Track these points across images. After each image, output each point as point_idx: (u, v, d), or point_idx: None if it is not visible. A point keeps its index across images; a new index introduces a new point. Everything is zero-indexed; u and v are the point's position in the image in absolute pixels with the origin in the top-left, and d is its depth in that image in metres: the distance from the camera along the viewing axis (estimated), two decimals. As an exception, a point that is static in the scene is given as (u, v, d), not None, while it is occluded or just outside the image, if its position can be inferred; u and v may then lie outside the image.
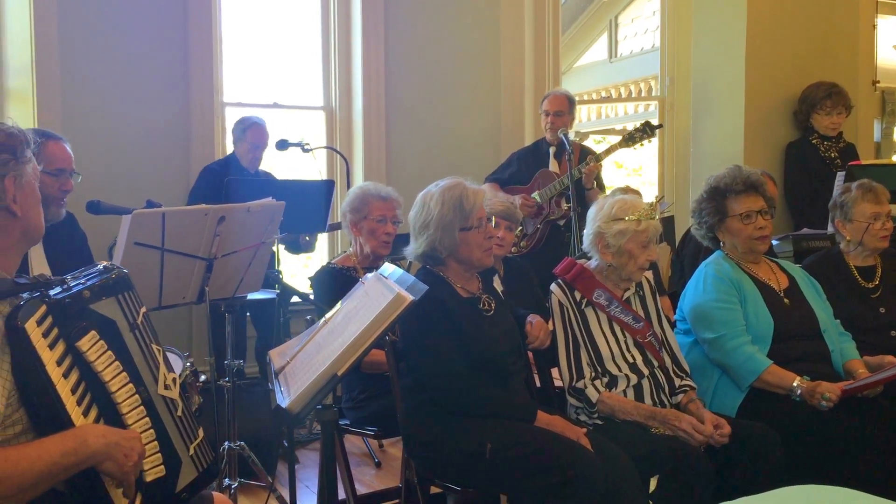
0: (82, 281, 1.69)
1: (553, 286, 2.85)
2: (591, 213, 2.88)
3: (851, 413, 2.72)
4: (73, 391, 1.58)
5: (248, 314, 4.57)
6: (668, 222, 5.65)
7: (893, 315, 3.28)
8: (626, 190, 4.09)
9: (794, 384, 2.78)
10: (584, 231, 2.89)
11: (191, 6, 4.86)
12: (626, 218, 2.75)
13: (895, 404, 2.85)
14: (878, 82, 6.21)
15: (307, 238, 4.43)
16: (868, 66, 6.10)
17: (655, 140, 5.59)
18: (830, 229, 3.54)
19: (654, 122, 4.59)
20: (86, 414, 1.60)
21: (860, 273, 3.36)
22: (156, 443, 1.72)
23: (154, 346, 1.79)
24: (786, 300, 3.03)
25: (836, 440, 2.67)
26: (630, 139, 4.53)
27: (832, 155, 5.50)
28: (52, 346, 1.55)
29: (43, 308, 1.56)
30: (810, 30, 5.82)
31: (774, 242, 4.25)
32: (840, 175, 4.46)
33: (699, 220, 3.13)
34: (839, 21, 5.94)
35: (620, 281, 2.85)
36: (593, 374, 2.72)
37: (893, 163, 5.90)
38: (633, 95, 8.17)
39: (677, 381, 2.82)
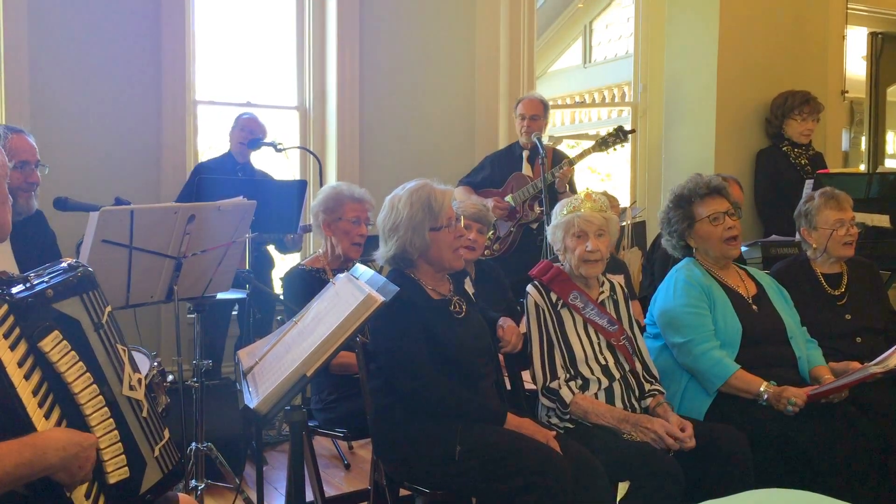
0: (46, 279, 1.65)
1: (529, 287, 2.86)
2: None
3: (817, 418, 2.75)
4: (35, 393, 1.54)
5: (233, 311, 4.54)
6: (640, 227, 5.69)
7: (859, 322, 3.32)
8: (603, 195, 4.11)
9: (761, 389, 2.81)
10: None
11: (164, 3, 4.81)
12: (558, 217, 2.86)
13: (861, 410, 2.89)
14: (847, 92, 6.30)
15: (291, 237, 4.43)
16: (837, 76, 6.20)
17: (628, 146, 5.62)
18: (798, 236, 3.58)
19: (627, 127, 4.63)
20: (48, 416, 1.56)
21: (827, 280, 3.40)
22: (120, 444, 1.69)
23: (119, 346, 1.76)
24: (754, 306, 3.06)
25: (802, 445, 2.70)
26: (603, 144, 4.56)
27: (802, 162, 5.57)
28: (13, 347, 1.52)
29: (4, 307, 1.52)
30: (781, 39, 5.90)
31: (744, 249, 4.30)
32: (808, 183, 4.52)
33: (668, 229, 3.15)
34: (809, 31, 6.03)
35: (589, 281, 2.88)
36: (567, 376, 2.74)
37: (861, 172, 5.99)
38: (607, 101, 8.22)
39: (647, 386, 2.84)
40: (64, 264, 1.74)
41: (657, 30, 6.28)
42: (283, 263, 5.12)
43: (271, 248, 4.73)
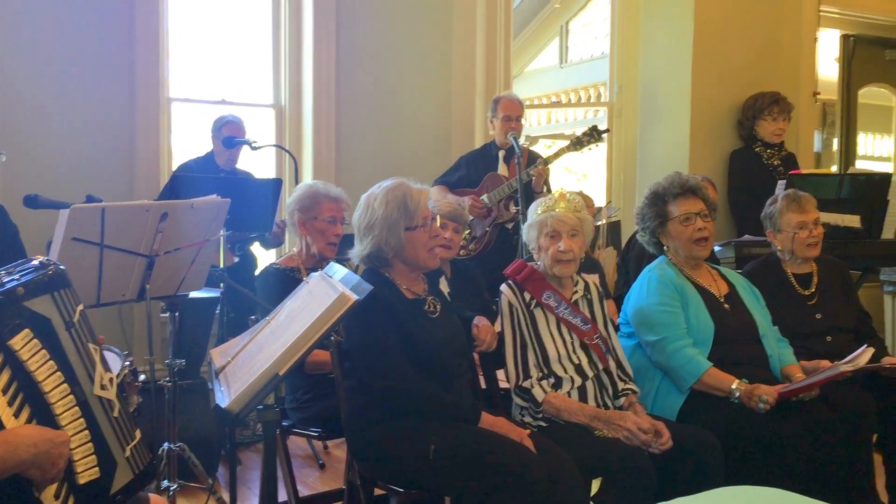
0: (16, 277, 1.63)
1: (503, 286, 2.87)
2: None
3: (788, 416, 2.78)
4: (4, 391, 1.53)
5: (216, 311, 4.49)
6: (615, 227, 5.73)
7: (829, 321, 3.37)
8: (578, 195, 4.13)
9: (733, 386, 2.84)
10: None
11: (137, -2, 4.77)
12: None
13: (831, 408, 2.92)
14: (819, 94, 6.36)
15: (274, 231, 4.40)
16: (809, 78, 6.26)
17: (603, 146, 5.64)
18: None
19: (602, 127, 4.65)
20: (17, 415, 1.54)
21: (797, 280, 3.44)
22: (91, 444, 1.67)
23: (91, 346, 1.74)
24: (726, 305, 3.09)
25: (773, 443, 2.73)
26: (577, 143, 4.58)
27: (775, 163, 5.63)
28: (-19, 345, 1.50)
29: (-27, 305, 1.51)
30: (755, 41, 5.96)
31: (717, 248, 4.34)
32: (781, 184, 4.56)
33: (642, 225, 3.19)
34: (783, 33, 6.09)
35: (562, 281, 2.89)
36: (540, 374, 2.75)
37: (832, 173, 6.06)
38: (583, 101, 8.25)
39: (620, 385, 2.85)
40: (35, 262, 1.71)
41: (633, 31, 6.31)
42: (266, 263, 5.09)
43: (255, 247, 4.70)
